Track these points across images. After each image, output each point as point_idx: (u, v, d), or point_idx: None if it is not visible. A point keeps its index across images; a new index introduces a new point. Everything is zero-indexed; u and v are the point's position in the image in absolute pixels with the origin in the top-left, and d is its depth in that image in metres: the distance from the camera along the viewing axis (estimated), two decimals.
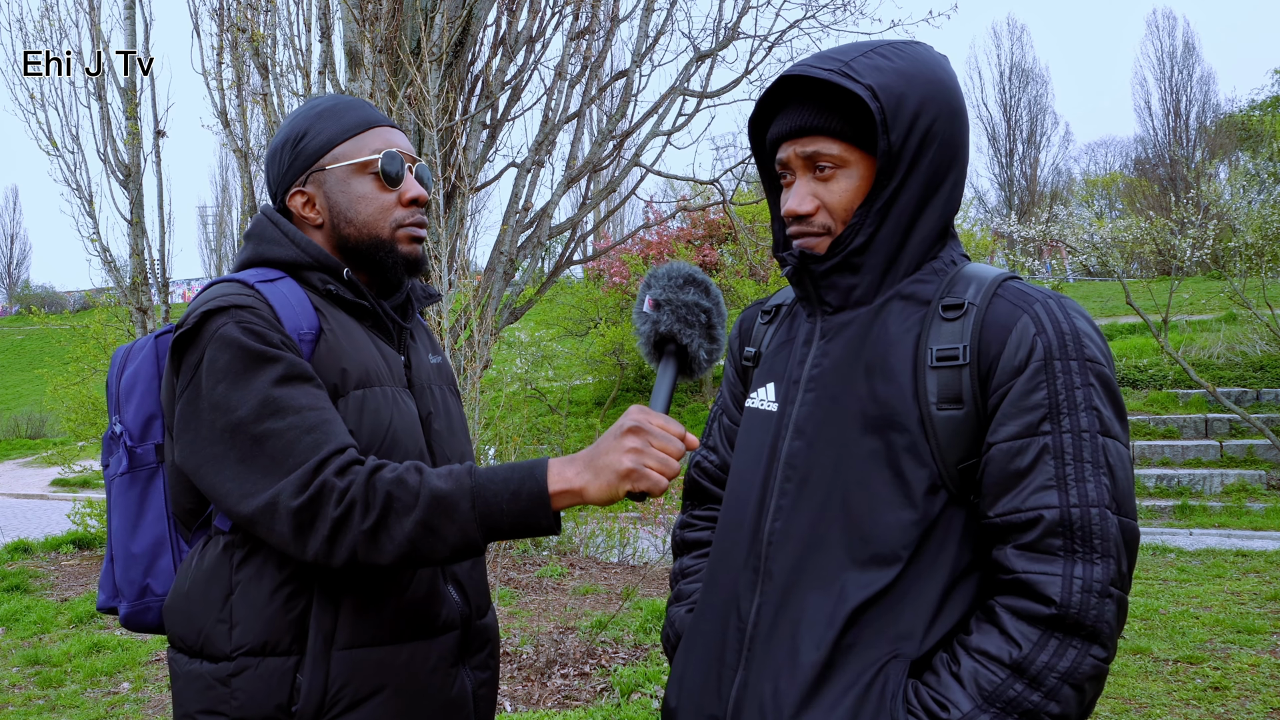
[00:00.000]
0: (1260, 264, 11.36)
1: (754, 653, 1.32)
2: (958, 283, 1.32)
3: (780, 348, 1.45)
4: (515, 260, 6.53)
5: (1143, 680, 4.61)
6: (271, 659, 1.37)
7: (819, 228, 1.34)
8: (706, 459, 1.63)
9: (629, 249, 15.39)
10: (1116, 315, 15.23)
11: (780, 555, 1.32)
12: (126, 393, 1.55)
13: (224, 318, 1.37)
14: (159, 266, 8.42)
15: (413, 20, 5.82)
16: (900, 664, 1.24)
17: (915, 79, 1.29)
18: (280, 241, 1.51)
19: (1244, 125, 22.33)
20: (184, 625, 1.44)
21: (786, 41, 7.10)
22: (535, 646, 5.23)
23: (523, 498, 1.28)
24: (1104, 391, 1.23)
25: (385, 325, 1.56)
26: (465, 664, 1.55)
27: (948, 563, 1.26)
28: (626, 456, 1.26)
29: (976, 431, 1.26)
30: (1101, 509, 1.18)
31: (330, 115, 1.55)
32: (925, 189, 1.32)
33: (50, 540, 10.20)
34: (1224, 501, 9.70)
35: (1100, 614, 1.17)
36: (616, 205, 7.44)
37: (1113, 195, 34.75)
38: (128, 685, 5.22)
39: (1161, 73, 38.16)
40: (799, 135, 1.33)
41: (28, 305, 39.30)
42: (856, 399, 1.30)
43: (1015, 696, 1.16)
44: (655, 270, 1.42)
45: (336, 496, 1.28)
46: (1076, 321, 1.25)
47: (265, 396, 1.33)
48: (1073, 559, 1.18)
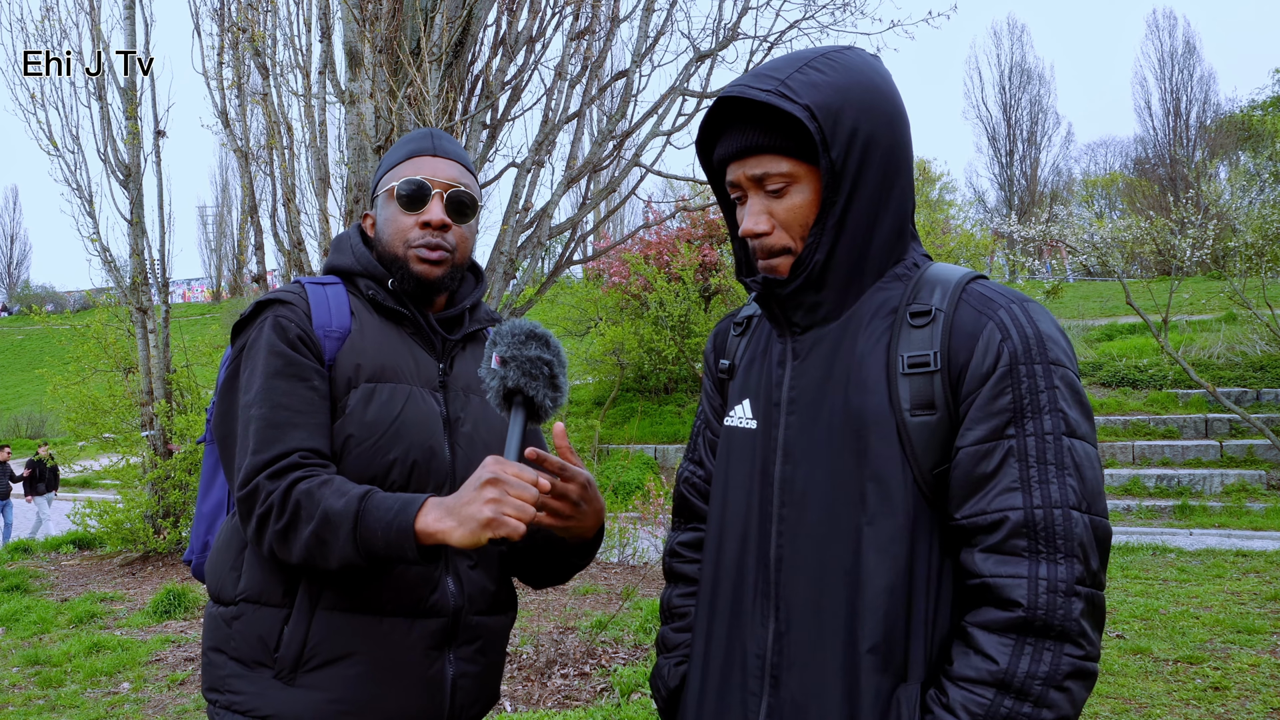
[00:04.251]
0: (1260, 264, 11.37)
1: (780, 680, 1.34)
2: (923, 288, 1.33)
3: (753, 362, 1.47)
4: (515, 260, 6.53)
5: (1143, 680, 4.61)
6: (266, 608, 1.53)
7: (777, 247, 1.36)
8: (694, 474, 1.65)
9: (629, 249, 15.39)
10: (1116, 315, 15.23)
11: (791, 581, 1.34)
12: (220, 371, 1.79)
13: (269, 311, 1.61)
14: (159, 266, 8.42)
15: (413, 20, 5.82)
16: (909, 689, 1.26)
17: (850, 90, 1.30)
18: (345, 251, 1.75)
19: (1244, 125, 22.34)
20: (213, 574, 1.64)
21: (786, 42, 7.09)
22: (535, 646, 5.23)
23: (393, 530, 1.39)
24: (1069, 393, 1.24)
25: (425, 333, 1.71)
26: (450, 651, 1.61)
27: (926, 569, 1.28)
28: (486, 506, 1.34)
29: (949, 436, 1.27)
30: (1065, 509, 1.20)
31: (398, 147, 1.76)
32: (875, 198, 1.33)
33: (50, 540, 10.21)
34: (1224, 501, 9.71)
35: (1068, 613, 1.18)
36: (616, 205, 7.44)
37: (1113, 195, 34.77)
38: (128, 685, 5.22)
39: (1162, 72, 38.20)
40: (745, 155, 1.35)
41: (28, 305, 39.30)
42: (837, 414, 1.32)
43: (1008, 713, 1.18)
44: (500, 328, 1.51)
45: (263, 497, 1.46)
46: (1041, 325, 1.27)
47: (262, 385, 1.53)
48: (1037, 559, 1.19)
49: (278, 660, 1.51)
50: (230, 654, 1.54)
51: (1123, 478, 11.63)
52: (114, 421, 10.56)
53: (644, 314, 14.96)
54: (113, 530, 9.09)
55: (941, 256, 17.21)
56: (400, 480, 1.57)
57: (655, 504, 8.04)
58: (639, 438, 14.34)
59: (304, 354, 1.57)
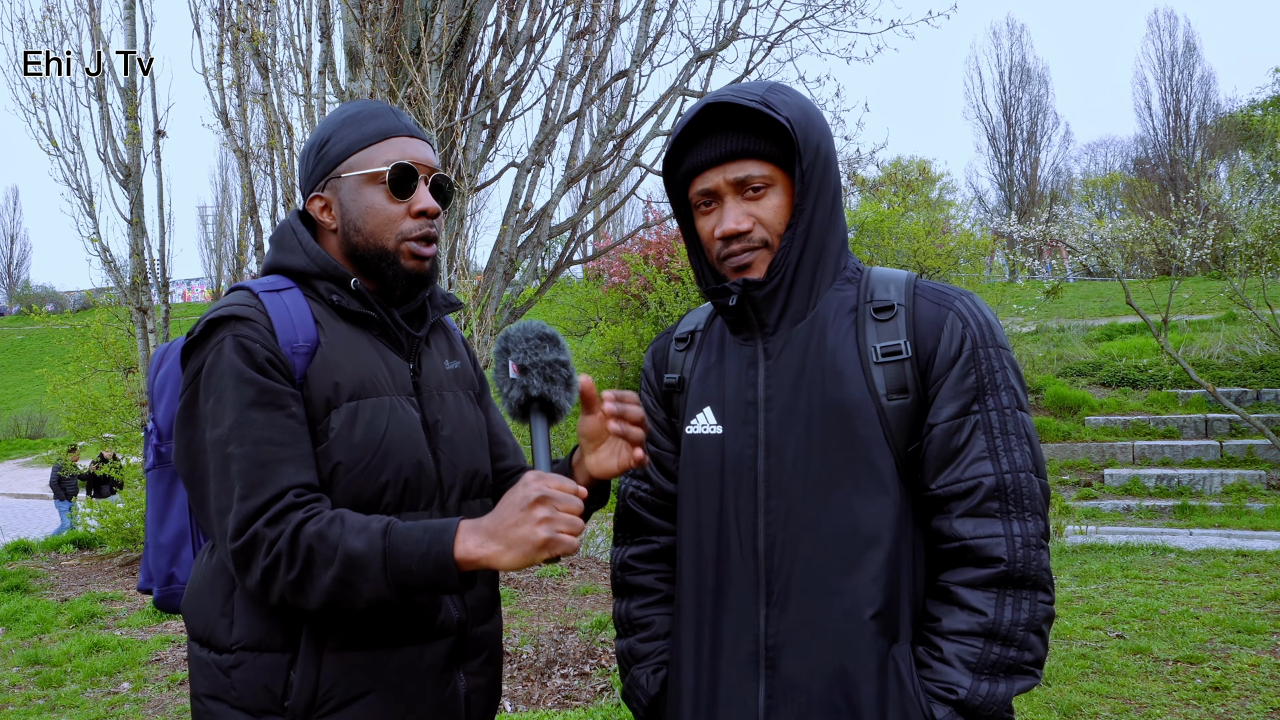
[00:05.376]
0: (1260, 264, 11.37)
1: (778, 661, 1.42)
2: (875, 286, 1.48)
3: (708, 372, 1.55)
4: (515, 260, 6.53)
5: (1143, 680, 4.61)
6: (267, 655, 1.43)
7: (758, 241, 1.47)
8: (639, 489, 1.68)
9: (629, 249, 15.39)
10: (1116, 315, 15.24)
11: (783, 566, 1.43)
12: (159, 393, 1.64)
13: (224, 330, 1.43)
14: (159, 266, 8.43)
15: (413, 20, 5.82)
16: (902, 648, 1.39)
17: (809, 113, 1.46)
18: (295, 250, 1.55)
19: (1244, 125, 22.35)
20: (196, 617, 1.51)
21: (786, 42, 7.10)
22: (535, 646, 5.23)
23: (430, 563, 1.32)
24: (1014, 373, 1.42)
25: (392, 332, 1.56)
26: (460, 669, 1.55)
27: (909, 539, 1.41)
28: (540, 528, 1.30)
29: (919, 417, 1.42)
30: (1028, 473, 1.37)
31: (353, 122, 1.56)
32: (830, 209, 1.48)
33: (50, 540, 10.21)
34: (1224, 501, 9.71)
35: (1039, 563, 1.35)
36: (616, 205, 7.45)
37: (1113, 195, 34.76)
38: (128, 685, 5.22)
39: (1162, 72, 38.21)
40: (727, 160, 1.46)
41: (28, 305, 39.30)
42: (817, 406, 1.43)
43: (997, 658, 1.34)
44: (509, 333, 1.46)
45: (266, 547, 1.34)
46: (987, 314, 1.45)
47: (236, 418, 1.39)
48: (1008, 519, 1.36)
49: (289, 709, 1.41)
50: (232, 703, 1.45)
51: (1123, 478, 11.61)
52: (114, 421, 10.56)
53: (644, 314, 14.96)
54: (113, 530, 9.09)
55: (942, 256, 17.21)
56: (393, 502, 1.48)
57: None
58: None
59: (276, 378, 1.42)
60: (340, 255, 1.56)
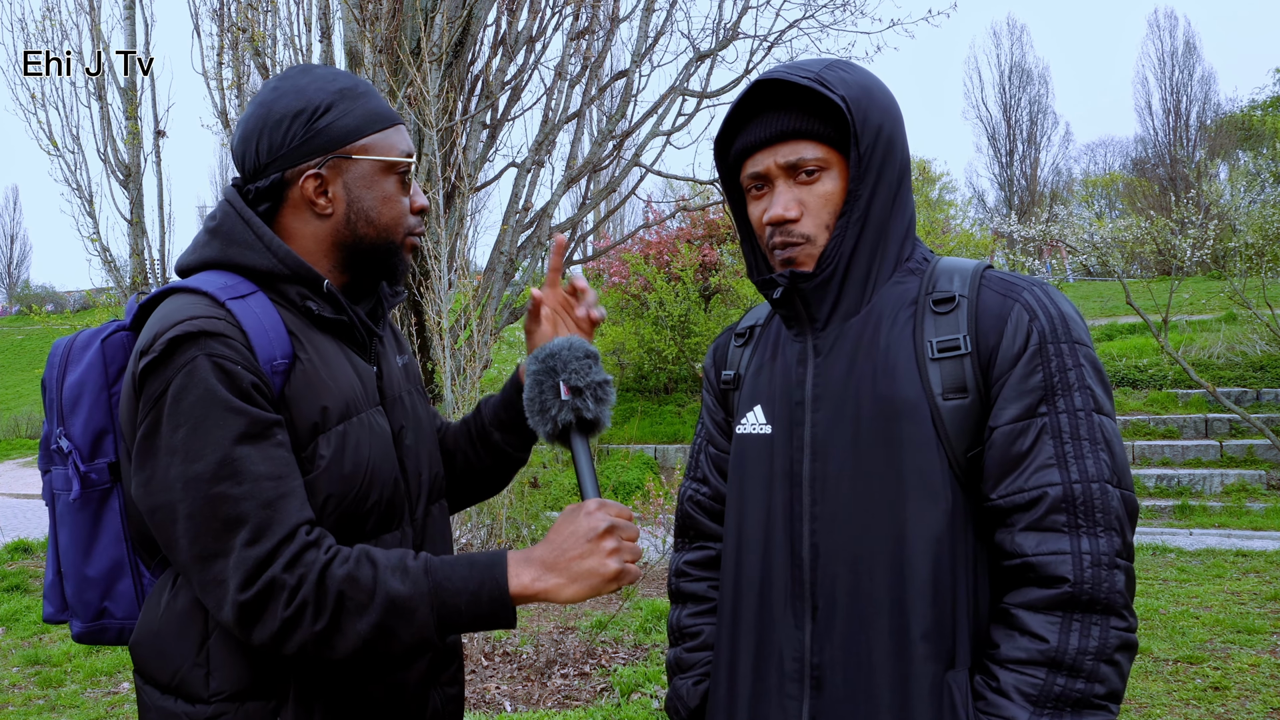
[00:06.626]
0: (1260, 264, 11.37)
1: (823, 680, 1.32)
2: (939, 277, 1.35)
3: (761, 369, 1.46)
4: (515, 260, 6.53)
5: (1143, 680, 4.61)
6: (251, 703, 1.30)
7: (799, 236, 1.36)
8: (699, 492, 1.61)
9: (629, 249, 15.39)
10: (1116, 315, 15.22)
11: (828, 577, 1.32)
12: (71, 403, 1.38)
13: (194, 349, 1.23)
14: (159, 266, 8.41)
15: (413, 20, 5.82)
16: (958, 675, 1.25)
17: (872, 91, 1.34)
18: (253, 247, 1.34)
19: (1245, 124, 22.35)
20: (156, 663, 1.35)
21: (786, 41, 7.12)
22: (535, 646, 5.23)
23: (483, 601, 1.24)
24: (1093, 371, 1.26)
25: (359, 335, 1.45)
26: (435, 685, 1.51)
27: (966, 554, 1.27)
28: (610, 559, 1.26)
29: (981, 419, 1.28)
30: (1102, 484, 1.21)
31: (351, 96, 1.39)
32: (892, 194, 1.36)
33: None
34: (1224, 501, 9.70)
35: (1112, 585, 1.19)
36: (616, 205, 7.45)
37: (1113, 195, 34.76)
38: (128, 685, 5.22)
39: (1162, 72, 38.15)
40: (780, 140, 1.35)
41: (28, 305, 39.31)
42: (867, 406, 1.31)
43: (1062, 690, 1.18)
44: (555, 351, 1.38)
45: (286, 596, 1.20)
46: (1062, 306, 1.30)
47: (224, 455, 1.21)
48: (1078, 534, 1.20)
49: None
50: None
51: None
52: None
53: (644, 314, 14.95)
54: None
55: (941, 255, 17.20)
56: (373, 527, 1.37)
57: (655, 504, 8.02)
58: (639, 438, 14.33)
59: (263, 405, 1.26)
60: (323, 246, 1.40)
